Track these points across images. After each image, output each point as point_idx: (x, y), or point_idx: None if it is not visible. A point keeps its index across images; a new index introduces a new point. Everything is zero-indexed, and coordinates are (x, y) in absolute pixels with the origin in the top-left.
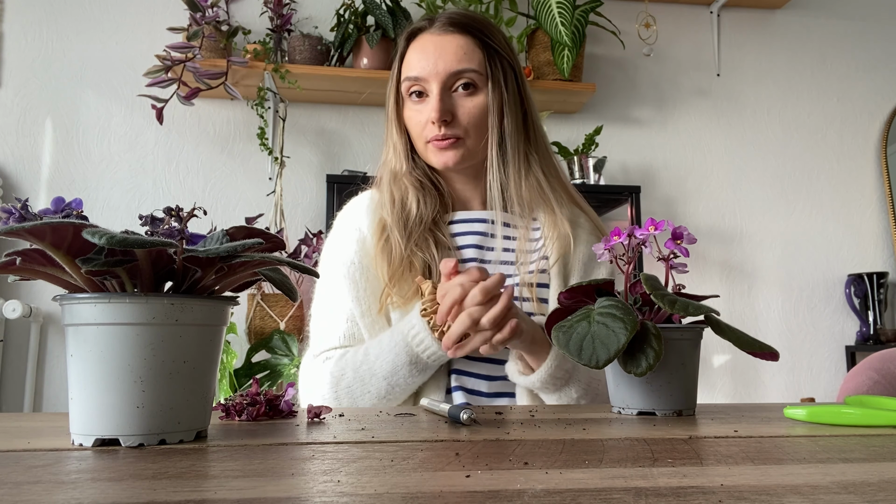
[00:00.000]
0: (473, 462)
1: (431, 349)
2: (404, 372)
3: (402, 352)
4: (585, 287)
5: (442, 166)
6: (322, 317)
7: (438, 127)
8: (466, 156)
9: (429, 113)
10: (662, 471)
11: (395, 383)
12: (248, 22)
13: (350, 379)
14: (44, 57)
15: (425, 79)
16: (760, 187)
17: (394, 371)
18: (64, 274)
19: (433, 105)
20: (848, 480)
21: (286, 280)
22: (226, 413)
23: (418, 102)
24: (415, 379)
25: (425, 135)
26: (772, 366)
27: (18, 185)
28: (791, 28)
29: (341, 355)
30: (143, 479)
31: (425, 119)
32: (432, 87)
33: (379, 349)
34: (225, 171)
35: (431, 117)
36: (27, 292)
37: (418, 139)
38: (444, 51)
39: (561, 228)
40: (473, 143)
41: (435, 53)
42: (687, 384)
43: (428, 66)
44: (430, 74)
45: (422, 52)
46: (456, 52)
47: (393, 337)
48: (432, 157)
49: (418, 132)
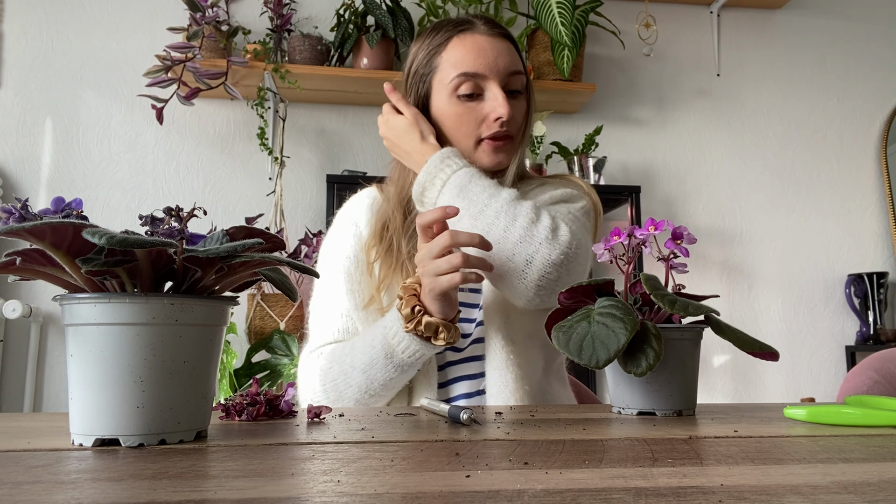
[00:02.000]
0: (473, 462)
1: (404, 343)
2: (380, 366)
3: (379, 345)
4: (585, 287)
5: (495, 165)
6: (319, 312)
7: (501, 125)
8: (510, 156)
9: (493, 109)
10: (662, 471)
11: (372, 377)
12: (248, 22)
13: (335, 372)
14: (44, 57)
15: (484, 75)
16: (760, 187)
17: (371, 364)
18: (64, 274)
19: (501, 101)
20: (848, 480)
21: (286, 280)
22: (226, 413)
23: (470, 100)
24: (392, 375)
25: (480, 132)
26: (772, 366)
27: (18, 185)
28: (791, 28)
29: (332, 349)
30: (143, 479)
31: (481, 117)
32: (491, 85)
33: (361, 343)
34: (225, 171)
35: (499, 113)
36: (27, 292)
37: (468, 137)
38: (500, 51)
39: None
40: (517, 144)
41: (493, 52)
42: (687, 384)
43: (488, 63)
44: (490, 71)
45: (480, 50)
46: (510, 53)
47: (373, 330)
48: (484, 157)
49: (470, 130)
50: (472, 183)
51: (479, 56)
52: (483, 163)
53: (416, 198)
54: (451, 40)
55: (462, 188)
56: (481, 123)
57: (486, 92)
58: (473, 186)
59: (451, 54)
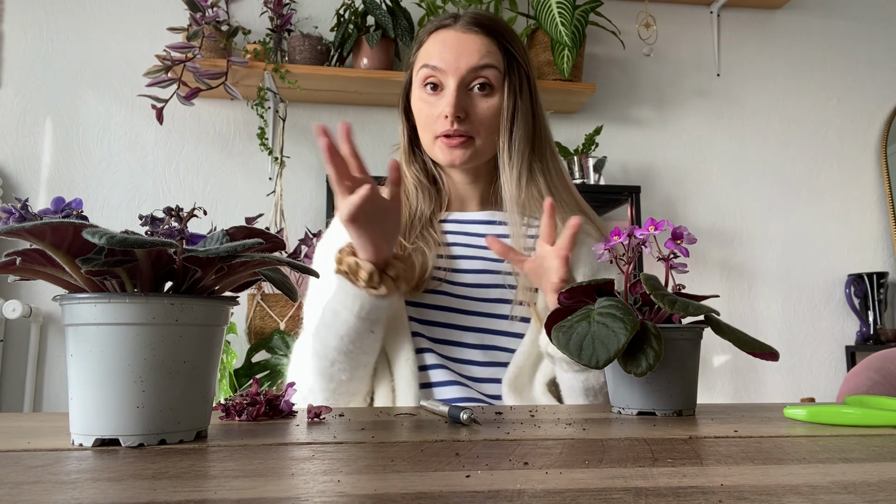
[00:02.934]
0: (473, 462)
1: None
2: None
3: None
4: (585, 287)
5: (448, 164)
6: (313, 307)
7: (451, 122)
8: (474, 156)
9: (443, 107)
10: (662, 471)
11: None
12: (248, 22)
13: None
14: (44, 57)
15: (444, 71)
16: (760, 187)
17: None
18: (64, 274)
19: (448, 100)
20: (848, 480)
21: (286, 280)
22: (226, 413)
23: (432, 95)
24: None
25: (435, 129)
26: (772, 366)
27: (18, 185)
28: (791, 28)
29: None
30: (143, 479)
31: (438, 113)
32: (449, 81)
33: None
34: (225, 171)
35: (445, 112)
36: (27, 292)
37: (426, 132)
38: (466, 48)
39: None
40: (482, 144)
41: (457, 49)
42: (687, 384)
43: (449, 58)
44: (449, 67)
45: (443, 45)
46: (479, 50)
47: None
48: (439, 154)
49: (428, 125)
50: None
51: (443, 51)
52: (439, 160)
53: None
54: (430, 35)
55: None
56: (437, 120)
57: (445, 89)
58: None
59: (426, 48)
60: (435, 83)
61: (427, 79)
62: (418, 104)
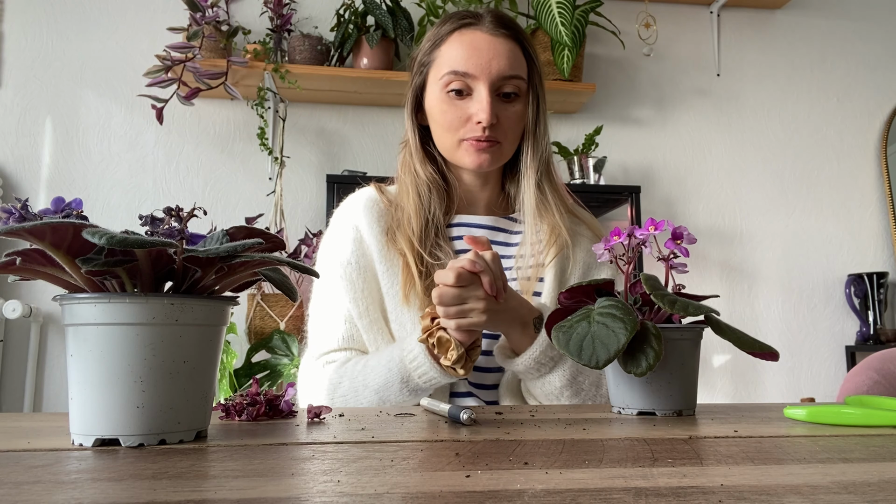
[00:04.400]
0: (473, 462)
1: (423, 370)
2: (395, 389)
3: (396, 369)
4: (585, 287)
5: (476, 167)
6: (320, 318)
7: (483, 129)
8: (498, 160)
9: (475, 112)
10: (662, 471)
11: (385, 398)
12: (248, 22)
13: (346, 388)
14: (44, 57)
15: (474, 76)
16: (760, 187)
17: (385, 386)
18: (64, 274)
19: (484, 106)
20: (848, 480)
21: (286, 280)
22: (226, 413)
23: (458, 98)
24: (406, 398)
25: (462, 133)
26: (772, 366)
27: (18, 185)
28: (791, 28)
29: (343, 362)
30: (143, 479)
31: (465, 116)
32: (480, 87)
33: (377, 361)
34: (225, 171)
35: (479, 118)
36: (27, 292)
37: (450, 134)
38: (497, 52)
39: (560, 232)
40: (507, 150)
41: (489, 53)
42: (687, 384)
43: (480, 63)
44: (481, 73)
45: (474, 49)
46: (508, 55)
47: (392, 352)
48: (465, 157)
49: (454, 128)
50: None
51: (473, 55)
52: (464, 163)
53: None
54: (452, 34)
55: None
56: (465, 123)
57: (475, 93)
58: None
59: (449, 48)
60: (461, 87)
61: (452, 83)
62: (441, 106)
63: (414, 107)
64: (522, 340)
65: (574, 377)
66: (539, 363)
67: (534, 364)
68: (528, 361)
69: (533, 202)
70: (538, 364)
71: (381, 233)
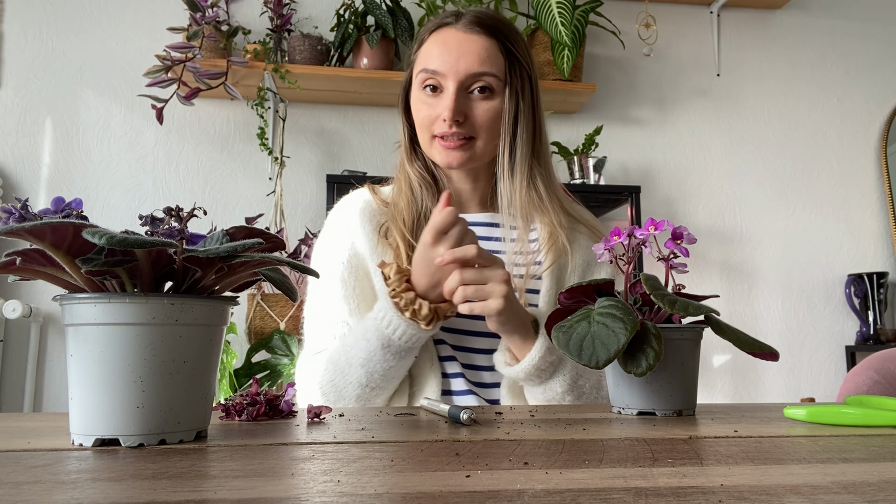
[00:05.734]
0: (473, 462)
1: (401, 329)
2: (378, 357)
3: (374, 336)
4: (585, 287)
5: (446, 165)
6: (315, 318)
7: (449, 125)
8: (473, 158)
9: (441, 110)
10: (662, 471)
11: (372, 370)
12: (248, 22)
13: (332, 372)
14: (44, 57)
15: (443, 74)
16: (760, 187)
17: (369, 357)
18: (64, 274)
19: (447, 103)
20: (848, 480)
21: (286, 280)
22: (226, 413)
23: (431, 96)
24: (392, 363)
25: (433, 129)
26: (772, 366)
27: (18, 185)
28: (791, 28)
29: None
30: (143, 479)
31: (436, 114)
32: (449, 84)
33: (353, 338)
34: (225, 171)
35: (444, 115)
36: (27, 292)
37: (424, 132)
38: (466, 50)
39: (558, 236)
40: (482, 146)
41: (458, 51)
42: (687, 384)
43: (449, 61)
44: (449, 71)
45: (444, 47)
46: (479, 53)
47: (364, 324)
48: (437, 155)
49: (426, 125)
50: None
51: (443, 52)
52: (435, 160)
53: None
54: (431, 34)
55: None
56: (435, 121)
57: (444, 90)
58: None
59: (426, 48)
60: (434, 85)
61: (426, 81)
62: (417, 104)
63: (403, 106)
64: (525, 344)
65: (574, 381)
66: (539, 370)
67: (534, 371)
68: (529, 368)
69: (511, 201)
70: (538, 371)
71: (374, 232)
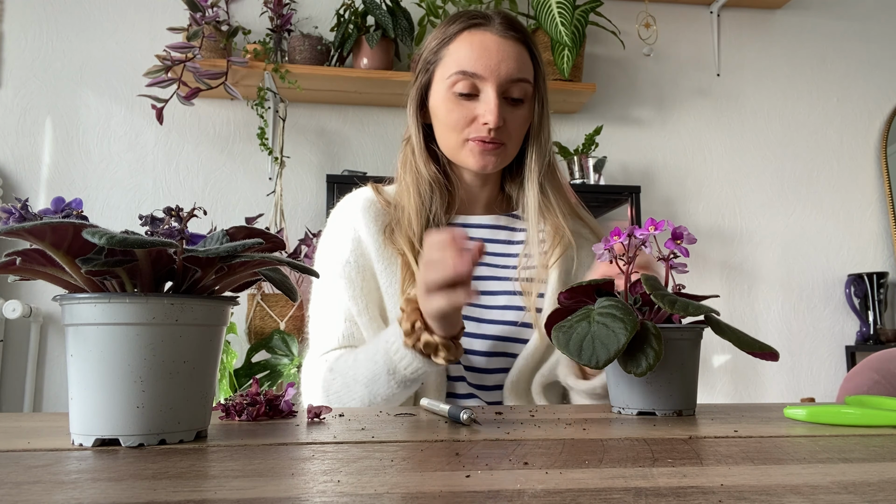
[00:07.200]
0: (473, 462)
1: (406, 360)
2: (383, 381)
3: (381, 360)
4: (585, 287)
5: (479, 168)
6: (320, 318)
7: (489, 131)
8: (502, 162)
9: (483, 114)
10: (662, 471)
11: (375, 392)
12: (248, 22)
13: (338, 384)
14: (44, 57)
15: (483, 77)
16: (760, 187)
17: (373, 379)
18: (64, 274)
19: (491, 108)
20: (848, 480)
21: (286, 280)
22: (226, 413)
23: (465, 99)
24: (394, 391)
25: (468, 133)
26: (772, 366)
27: (18, 185)
28: (791, 28)
29: (336, 358)
30: (143, 479)
31: (471, 117)
32: (488, 88)
33: (364, 355)
34: (225, 171)
35: (487, 119)
36: (27, 292)
37: (454, 134)
38: (507, 55)
39: (564, 238)
40: (512, 152)
41: (498, 55)
42: (687, 384)
43: (490, 65)
44: (490, 75)
45: (484, 50)
46: (517, 59)
47: (376, 343)
48: (469, 157)
49: (459, 127)
50: None
51: (483, 56)
52: (468, 163)
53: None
54: (461, 33)
55: None
56: (470, 123)
57: (482, 94)
58: None
59: (457, 48)
60: (470, 87)
61: (460, 83)
62: (447, 105)
63: (418, 105)
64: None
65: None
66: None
67: (602, 391)
68: (599, 389)
69: (536, 203)
70: (605, 390)
71: (379, 232)
